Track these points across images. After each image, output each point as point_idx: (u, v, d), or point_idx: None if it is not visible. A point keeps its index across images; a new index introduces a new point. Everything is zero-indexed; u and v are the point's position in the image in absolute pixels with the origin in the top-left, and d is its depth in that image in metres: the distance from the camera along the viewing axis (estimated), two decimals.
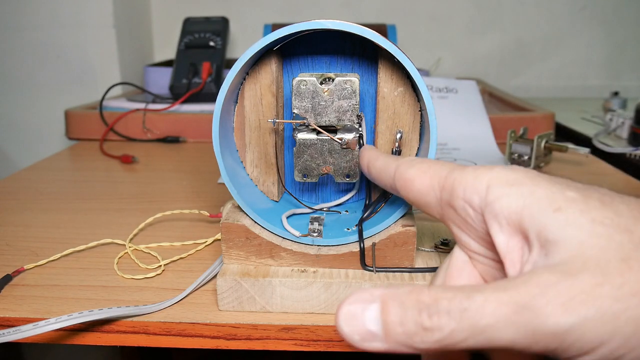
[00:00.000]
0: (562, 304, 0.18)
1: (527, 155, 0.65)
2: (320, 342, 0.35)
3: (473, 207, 0.24)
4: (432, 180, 0.26)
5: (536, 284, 0.19)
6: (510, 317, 0.18)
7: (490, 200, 0.23)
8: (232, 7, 1.26)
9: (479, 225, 0.24)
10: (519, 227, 0.22)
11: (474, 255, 0.26)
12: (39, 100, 1.13)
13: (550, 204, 0.21)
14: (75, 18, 1.08)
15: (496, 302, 0.18)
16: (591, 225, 0.20)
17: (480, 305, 0.18)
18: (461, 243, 0.26)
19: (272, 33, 0.33)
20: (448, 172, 0.25)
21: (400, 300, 0.19)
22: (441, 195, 0.25)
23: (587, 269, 0.18)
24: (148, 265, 0.42)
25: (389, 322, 0.19)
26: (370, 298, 0.20)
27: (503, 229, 0.22)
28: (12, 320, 0.35)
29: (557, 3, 1.25)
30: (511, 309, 0.18)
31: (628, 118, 0.82)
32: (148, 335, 0.35)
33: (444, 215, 0.26)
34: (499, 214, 0.22)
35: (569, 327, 0.18)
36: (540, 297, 0.18)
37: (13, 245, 0.46)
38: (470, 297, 0.19)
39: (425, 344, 0.19)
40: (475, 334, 0.18)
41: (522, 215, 0.21)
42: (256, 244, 0.36)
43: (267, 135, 0.39)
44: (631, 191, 0.60)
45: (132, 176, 0.68)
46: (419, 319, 0.19)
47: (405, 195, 0.28)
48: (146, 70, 1.04)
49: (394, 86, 0.36)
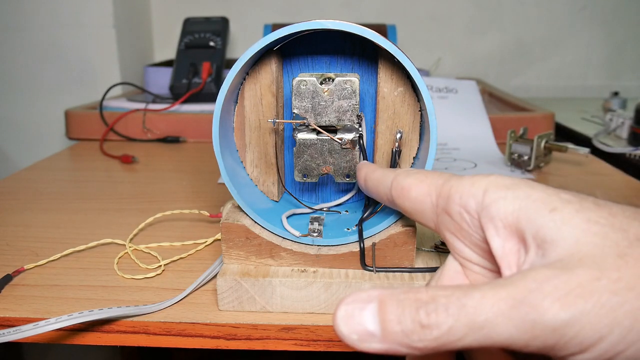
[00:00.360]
0: (559, 298, 0.18)
1: (527, 155, 0.65)
2: (320, 342, 0.35)
3: (469, 212, 0.24)
4: (429, 188, 0.26)
5: (533, 279, 0.19)
6: (508, 313, 0.18)
7: (487, 203, 0.23)
8: (232, 7, 1.26)
9: (475, 231, 0.24)
10: (516, 229, 0.22)
11: (467, 264, 0.26)
12: (39, 100, 1.13)
13: (546, 205, 0.21)
14: (75, 18, 1.08)
15: (494, 298, 0.18)
16: (587, 224, 0.20)
17: (478, 302, 0.18)
18: (455, 251, 0.26)
19: (272, 33, 0.33)
20: (445, 180, 0.26)
21: (398, 299, 0.19)
22: (437, 202, 0.26)
23: (583, 264, 0.19)
24: (148, 265, 0.42)
25: (387, 320, 0.19)
26: (367, 298, 0.20)
27: (499, 232, 0.22)
28: (12, 320, 0.35)
29: (557, 3, 1.25)
30: (509, 305, 0.18)
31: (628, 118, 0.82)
32: (148, 335, 0.35)
33: (439, 223, 0.26)
34: (495, 217, 0.22)
35: (567, 320, 0.18)
36: (538, 292, 0.18)
37: (13, 245, 0.46)
38: (468, 294, 0.19)
39: (423, 342, 0.19)
40: (474, 331, 0.18)
41: (518, 217, 0.21)
42: (256, 244, 0.36)
43: (267, 135, 0.39)
44: (631, 191, 0.60)
45: (132, 176, 0.68)
46: (417, 316, 0.19)
47: (401, 203, 0.28)
48: (146, 70, 1.04)
49: (394, 86, 0.36)
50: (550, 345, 0.18)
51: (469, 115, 0.81)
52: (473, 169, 0.67)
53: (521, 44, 1.28)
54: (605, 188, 0.62)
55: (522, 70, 1.30)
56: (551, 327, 0.18)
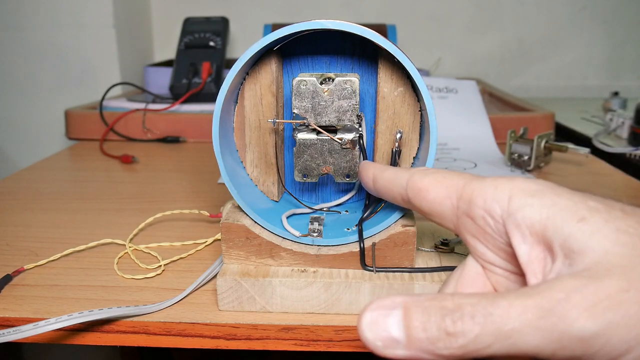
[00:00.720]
0: (587, 308, 0.18)
1: (527, 155, 0.65)
2: (320, 342, 0.35)
3: (494, 217, 0.23)
4: (449, 190, 0.26)
5: (561, 289, 0.18)
6: (536, 322, 0.18)
7: (513, 210, 0.22)
8: (232, 7, 1.26)
9: (499, 235, 0.24)
10: (542, 238, 0.21)
11: (489, 266, 0.26)
12: (39, 100, 1.13)
13: (574, 214, 0.21)
14: (75, 18, 1.08)
15: (521, 307, 0.18)
16: (615, 234, 0.20)
17: (505, 310, 0.18)
18: (476, 254, 0.26)
19: (272, 33, 0.33)
20: (466, 182, 0.25)
21: (423, 306, 0.19)
22: (458, 204, 0.25)
23: (612, 275, 0.18)
24: (148, 265, 0.42)
25: (412, 327, 0.19)
26: (392, 305, 0.20)
27: (526, 239, 0.22)
28: (12, 320, 0.35)
29: (557, 3, 1.25)
30: (536, 314, 0.18)
31: (628, 118, 0.82)
32: (148, 335, 0.35)
33: (459, 225, 0.26)
34: (521, 224, 0.22)
35: (595, 332, 0.18)
36: (565, 302, 0.18)
37: (13, 245, 0.46)
38: (495, 303, 0.19)
39: (448, 350, 0.19)
40: (501, 340, 0.18)
41: (545, 226, 0.21)
42: (256, 244, 0.36)
43: (267, 135, 0.39)
44: (631, 191, 0.61)
45: (132, 176, 0.68)
46: (443, 324, 0.19)
47: (419, 204, 0.27)
48: (146, 70, 1.04)
49: (394, 86, 0.36)
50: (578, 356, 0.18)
51: (469, 115, 0.81)
52: (473, 169, 0.67)
53: (521, 44, 1.28)
54: (605, 188, 0.62)
55: (522, 70, 1.30)
56: (579, 338, 0.18)
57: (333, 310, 0.35)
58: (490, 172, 0.66)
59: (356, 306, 0.35)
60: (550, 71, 1.29)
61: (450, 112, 0.81)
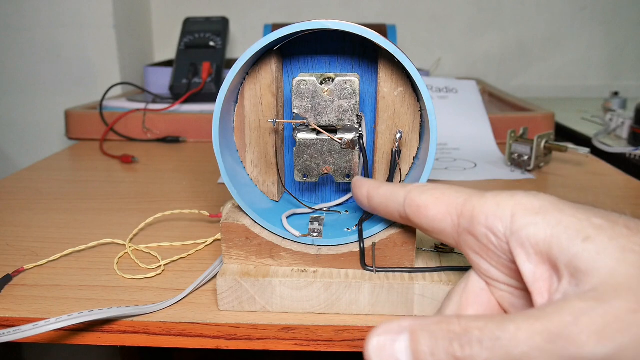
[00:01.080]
0: (596, 331, 0.18)
1: (527, 155, 0.65)
2: (320, 342, 0.35)
3: (497, 235, 0.23)
4: (449, 207, 0.25)
5: (569, 312, 0.18)
6: (545, 346, 0.18)
7: (516, 229, 0.22)
8: (232, 7, 1.26)
9: (502, 253, 0.23)
10: (547, 257, 0.21)
11: (493, 283, 0.26)
12: (39, 100, 1.13)
13: (579, 232, 0.21)
14: (75, 18, 1.08)
15: (529, 331, 0.18)
16: (621, 253, 0.20)
17: (512, 335, 0.18)
18: (480, 271, 0.26)
19: (272, 33, 0.33)
20: (466, 198, 0.25)
21: (430, 330, 0.19)
22: (459, 222, 0.25)
23: (619, 296, 0.18)
24: (148, 265, 0.42)
25: (419, 352, 0.19)
26: (398, 329, 0.20)
27: (530, 258, 0.22)
28: (12, 320, 0.35)
29: (557, 3, 1.25)
30: (545, 338, 0.18)
31: (628, 118, 0.82)
32: (148, 335, 0.35)
33: (460, 242, 0.25)
34: (525, 243, 0.22)
35: (605, 355, 0.17)
36: (574, 326, 0.18)
37: (13, 245, 0.46)
38: (502, 326, 0.18)
39: None
40: None
41: (550, 245, 0.21)
42: (256, 244, 0.36)
43: (267, 135, 0.39)
44: (631, 191, 0.61)
45: (132, 176, 0.68)
46: (451, 349, 0.19)
47: (418, 222, 0.27)
48: (146, 70, 1.04)
49: (394, 86, 0.36)
50: None
51: (469, 115, 0.81)
52: (473, 169, 0.67)
53: (521, 44, 1.28)
54: (605, 188, 0.62)
55: (522, 70, 1.30)
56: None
57: (333, 310, 0.35)
58: (490, 172, 0.66)
59: (356, 306, 0.35)
60: (550, 71, 1.29)
61: (450, 112, 0.81)
